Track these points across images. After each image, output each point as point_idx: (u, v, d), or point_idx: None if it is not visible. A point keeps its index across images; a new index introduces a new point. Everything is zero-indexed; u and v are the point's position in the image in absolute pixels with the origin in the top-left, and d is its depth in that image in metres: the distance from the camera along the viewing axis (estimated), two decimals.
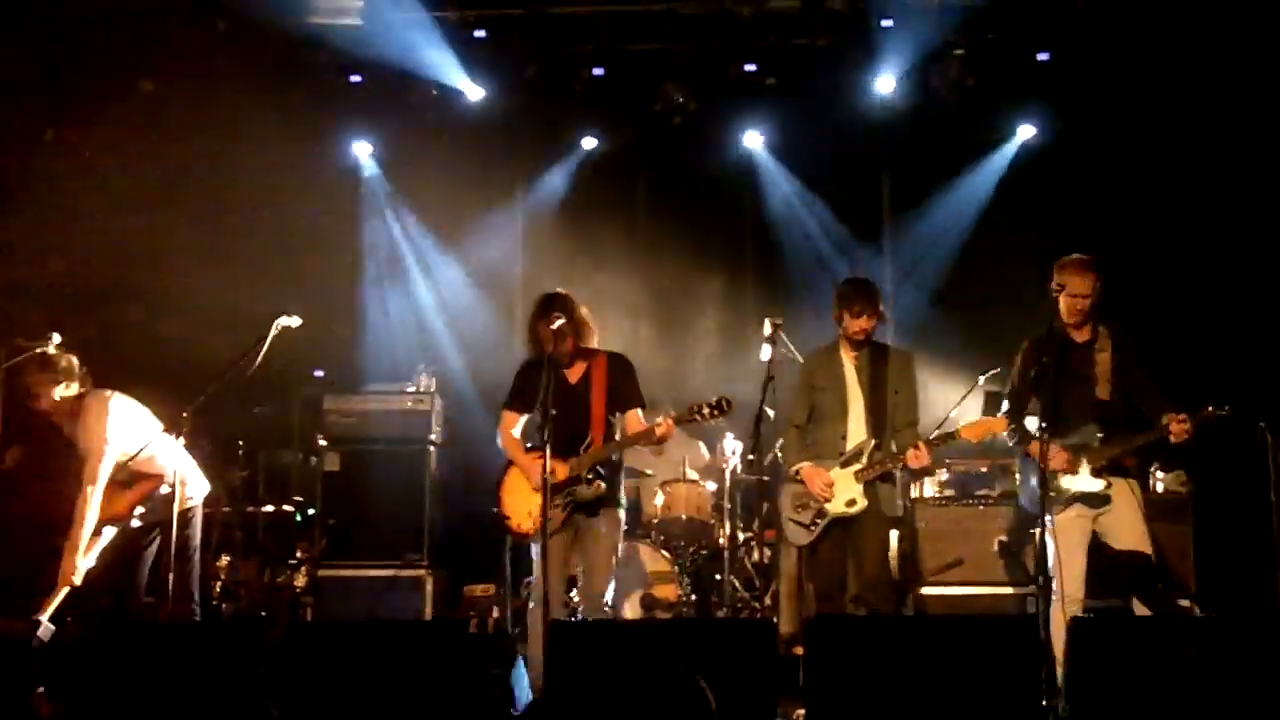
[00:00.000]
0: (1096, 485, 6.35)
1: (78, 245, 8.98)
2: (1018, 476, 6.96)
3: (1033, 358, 6.50)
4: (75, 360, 6.79)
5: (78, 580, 6.49)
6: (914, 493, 8.27)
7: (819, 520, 6.66)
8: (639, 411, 6.72)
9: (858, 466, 6.61)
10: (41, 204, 8.99)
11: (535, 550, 6.59)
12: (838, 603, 6.68)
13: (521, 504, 6.62)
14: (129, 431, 6.78)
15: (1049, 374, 6.29)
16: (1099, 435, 6.39)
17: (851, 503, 6.60)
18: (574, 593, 7.07)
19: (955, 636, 5.51)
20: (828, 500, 6.62)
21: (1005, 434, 6.58)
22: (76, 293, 8.80)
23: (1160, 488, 8.06)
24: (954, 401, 7.83)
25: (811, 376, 6.83)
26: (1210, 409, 6.21)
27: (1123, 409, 6.44)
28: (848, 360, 6.75)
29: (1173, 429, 6.23)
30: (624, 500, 6.85)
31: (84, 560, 6.53)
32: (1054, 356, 6.36)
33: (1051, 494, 6.27)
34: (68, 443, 6.79)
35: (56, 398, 6.72)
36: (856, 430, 6.67)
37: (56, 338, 6.78)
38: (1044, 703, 5.39)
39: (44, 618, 6.21)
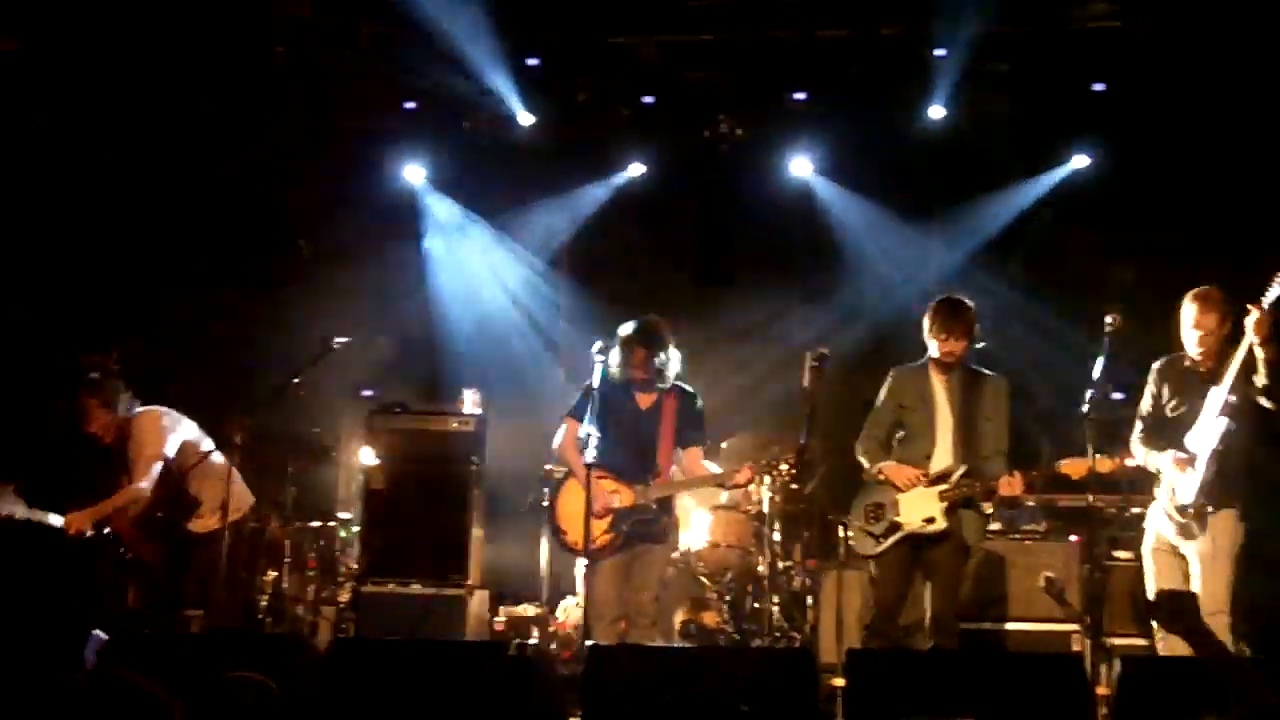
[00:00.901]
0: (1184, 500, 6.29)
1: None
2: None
3: (1156, 380, 6.53)
4: (120, 383, 7.07)
5: (75, 528, 6.78)
6: None
7: (892, 533, 6.59)
8: (700, 450, 6.80)
9: (944, 487, 6.53)
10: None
11: (591, 567, 6.65)
12: (889, 624, 6.64)
13: (581, 521, 6.60)
14: (179, 441, 7.08)
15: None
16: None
17: (930, 520, 6.50)
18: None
19: (997, 673, 5.49)
20: (914, 486, 6.53)
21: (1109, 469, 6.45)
22: (132, 311, 8.92)
23: None
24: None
25: (898, 394, 6.77)
26: None
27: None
28: (938, 382, 6.69)
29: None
30: (675, 524, 6.91)
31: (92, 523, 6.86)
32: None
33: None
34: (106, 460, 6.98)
35: (106, 420, 6.94)
36: (943, 455, 6.60)
37: (112, 355, 6.96)
38: None
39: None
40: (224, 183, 9.51)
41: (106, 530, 7.01)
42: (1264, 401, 6.17)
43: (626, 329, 6.79)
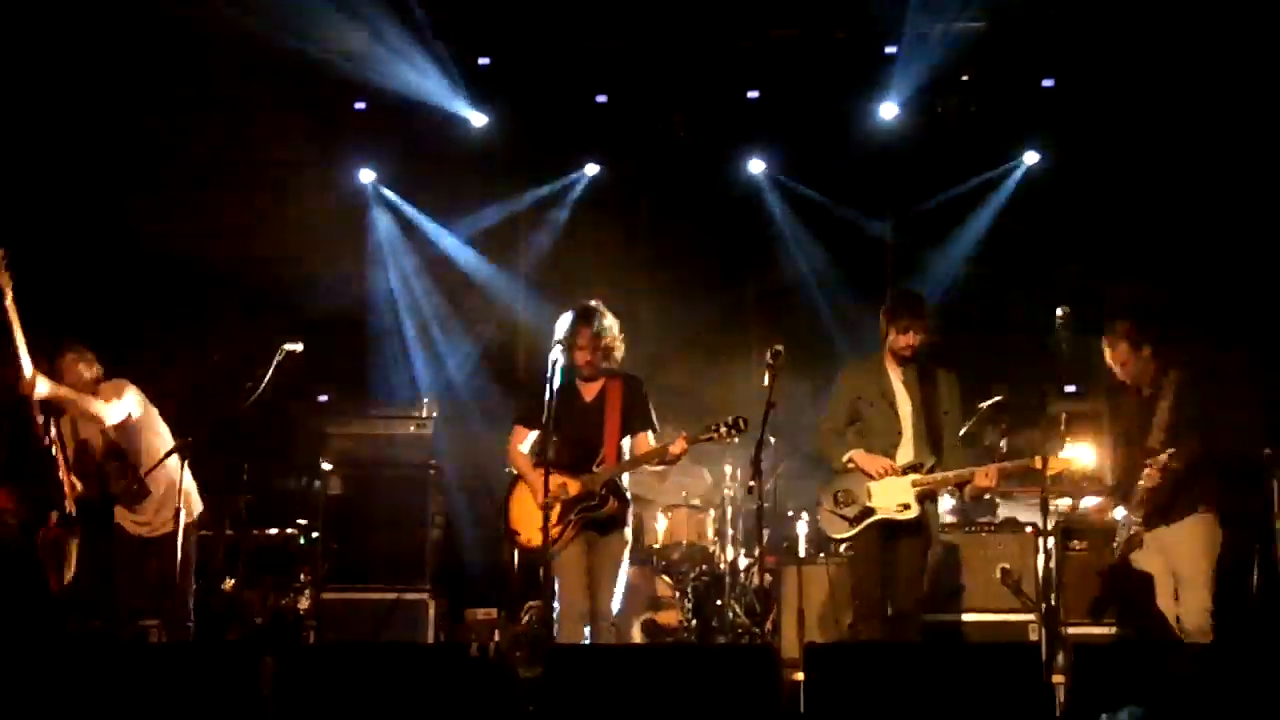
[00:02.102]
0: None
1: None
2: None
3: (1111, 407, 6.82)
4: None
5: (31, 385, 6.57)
6: None
7: (865, 517, 6.61)
8: (650, 435, 6.73)
9: (916, 477, 6.57)
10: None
11: (553, 563, 6.60)
12: (878, 606, 6.62)
13: (532, 520, 6.58)
14: (142, 410, 6.97)
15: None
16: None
17: (905, 507, 6.54)
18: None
19: (956, 664, 5.52)
20: (886, 475, 6.56)
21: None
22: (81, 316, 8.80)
23: None
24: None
25: (855, 387, 6.80)
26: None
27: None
28: (894, 376, 6.72)
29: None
30: (630, 523, 6.86)
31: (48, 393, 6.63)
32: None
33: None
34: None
35: (82, 378, 6.85)
36: (906, 447, 6.64)
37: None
38: None
39: None
40: (169, 184, 9.42)
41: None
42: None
43: (565, 315, 6.77)
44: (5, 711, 3.17)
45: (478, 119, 9.85)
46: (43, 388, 6.63)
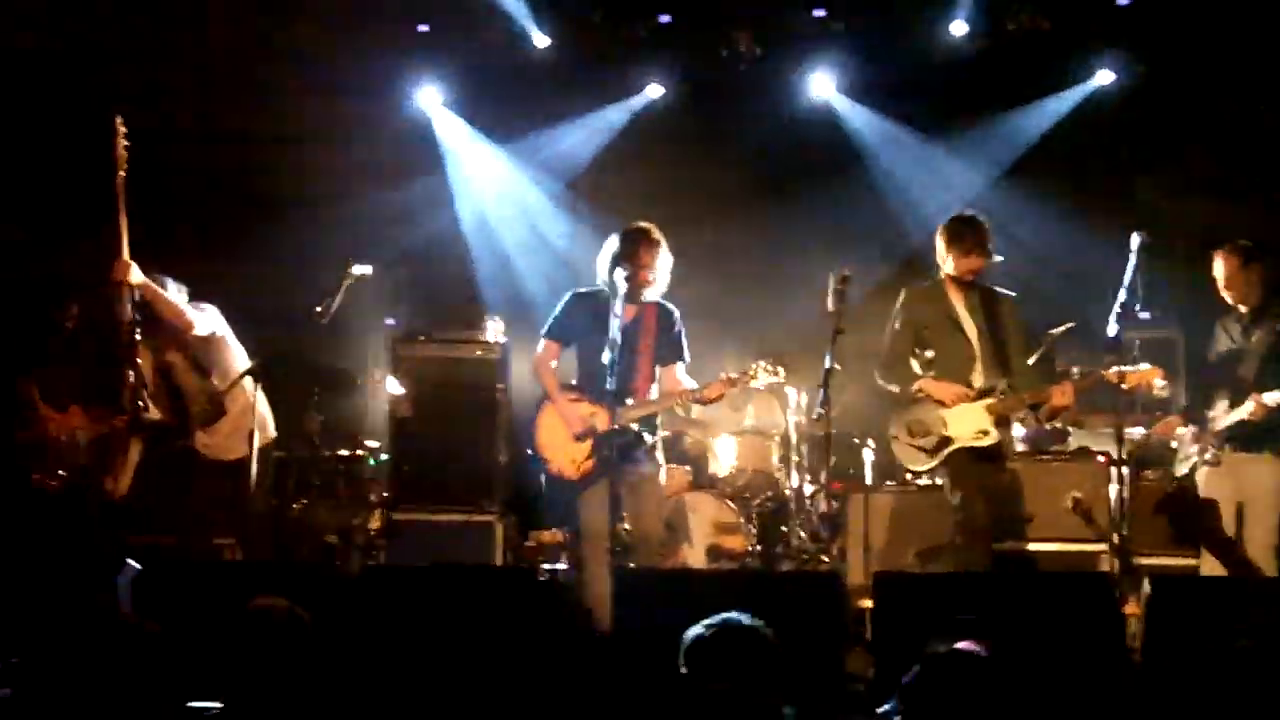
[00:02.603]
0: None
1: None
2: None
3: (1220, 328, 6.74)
4: None
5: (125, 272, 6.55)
6: None
7: (943, 447, 6.56)
8: (680, 367, 6.69)
9: (990, 401, 6.51)
10: None
11: (579, 496, 6.61)
12: (989, 529, 6.57)
13: (561, 447, 6.63)
14: (225, 330, 7.01)
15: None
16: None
17: (984, 433, 6.49)
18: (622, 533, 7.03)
19: (1025, 593, 5.50)
20: (961, 401, 6.51)
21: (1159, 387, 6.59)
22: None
23: None
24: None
25: (917, 315, 6.74)
26: None
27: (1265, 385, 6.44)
28: (958, 301, 6.66)
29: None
30: (660, 442, 6.80)
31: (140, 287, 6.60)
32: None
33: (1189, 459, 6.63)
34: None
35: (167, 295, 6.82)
36: (979, 374, 6.59)
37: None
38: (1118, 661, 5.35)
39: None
40: (234, 107, 9.42)
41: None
42: None
43: (630, 229, 6.70)
44: (74, 627, 3.24)
45: (540, 40, 9.75)
46: (137, 275, 6.59)
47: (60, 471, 6.63)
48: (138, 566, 5.69)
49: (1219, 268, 6.67)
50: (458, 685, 4.02)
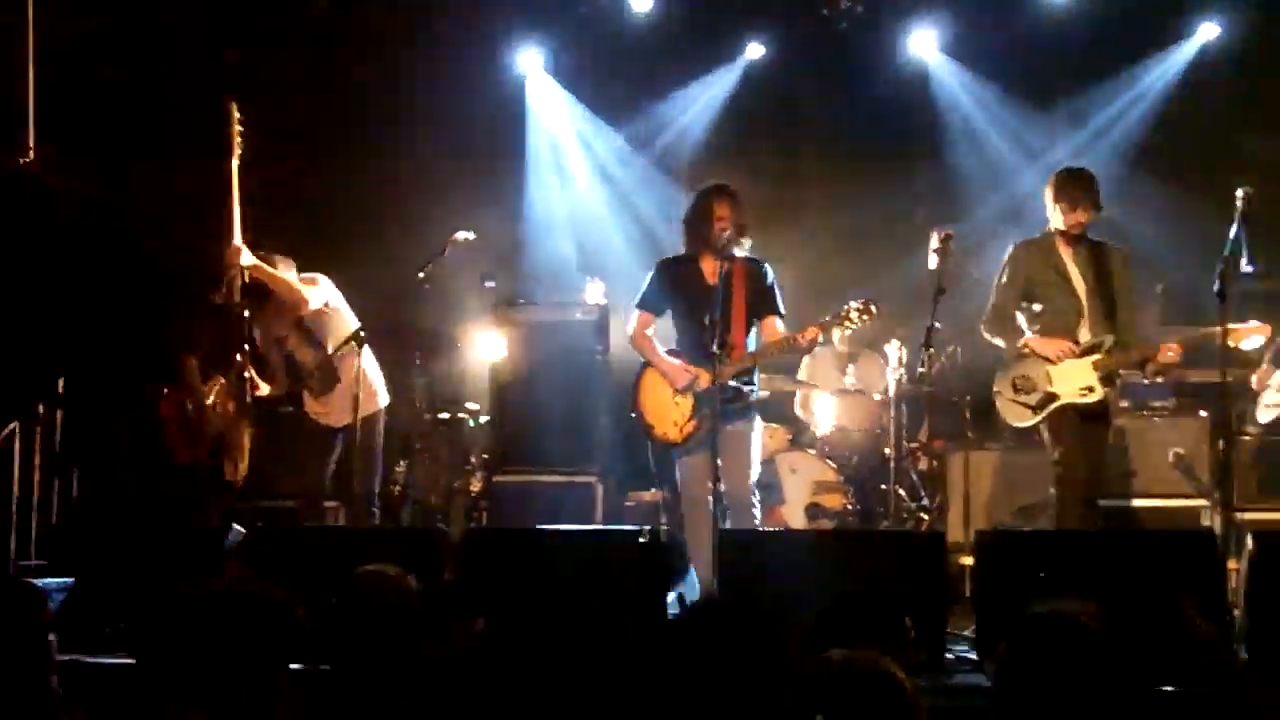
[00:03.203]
0: None
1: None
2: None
3: None
4: None
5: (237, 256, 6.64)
6: None
7: (1048, 403, 6.52)
8: (778, 321, 6.67)
9: (1097, 357, 6.48)
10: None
11: (680, 458, 6.67)
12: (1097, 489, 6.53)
13: (665, 411, 6.67)
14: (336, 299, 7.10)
15: None
16: None
17: (1089, 390, 6.44)
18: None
19: (1128, 552, 5.49)
20: (1066, 357, 6.47)
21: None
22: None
23: None
24: None
25: (1026, 269, 6.68)
26: None
27: None
28: (1066, 255, 6.61)
29: None
30: (760, 398, 6.82)
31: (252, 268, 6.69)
32: None
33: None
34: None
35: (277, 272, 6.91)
36: (1087, 329, 6.55)
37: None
38: (1229, 616, 5.33)
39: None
40: (327, 71, 9.53)
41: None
42: None
43: (703, 187, 6.74)
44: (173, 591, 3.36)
45: (641, 3, 9.77)
46: (248, 258, 6.69)
47: (197, 446, 6.77)
48: (243, 531, 5.85)
49: None
50: (559, 649, 4.07)
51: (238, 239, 6.68)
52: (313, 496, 7.24)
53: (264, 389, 6.93)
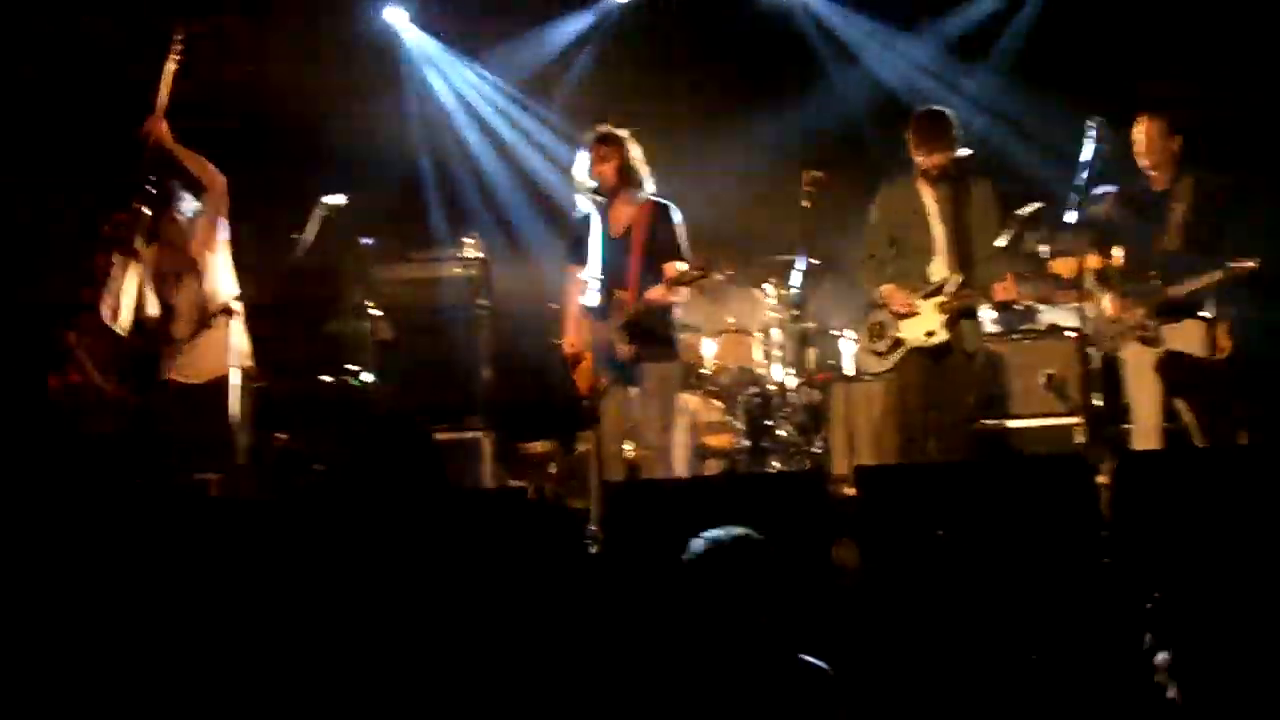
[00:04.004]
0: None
1: None
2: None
3: (1114, 204, 6.69)
4: None
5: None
6: None
7: (895, 349, 6.69)
8: (678, 265, 6.65)
9: (941, 299, 6.62)
10: None
11: (596, 407, 6.73)
12: (919, 443, 6.73)
13: (580, 368, 6.77)
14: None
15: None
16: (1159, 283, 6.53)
17: (931, 334, 6.60)
18: (630, 446, 7.16)
19: (1004, 480, 5.63)
20: (908, 316, 6.63)
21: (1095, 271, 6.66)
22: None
23: None
24: None
25: (889, 211, 6.80)
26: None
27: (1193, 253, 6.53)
28: (926, 195, 6.71)
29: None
30: (676, 348, 6.87)
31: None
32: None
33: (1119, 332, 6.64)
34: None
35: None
36: (940, 266, 6.67)
37: None
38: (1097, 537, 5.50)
39: None
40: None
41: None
42: None
43: (586, 135, 6.74)
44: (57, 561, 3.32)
45: None
46: (168, 136, 6.71)
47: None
48: None
49: (1140, 137, 6.65)
50: (444, 609, 4.10)
51: (160, 112, 6.68)
52: (185, 466, 7.01)
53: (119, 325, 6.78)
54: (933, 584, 5.07)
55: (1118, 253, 6.68)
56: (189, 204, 7.00)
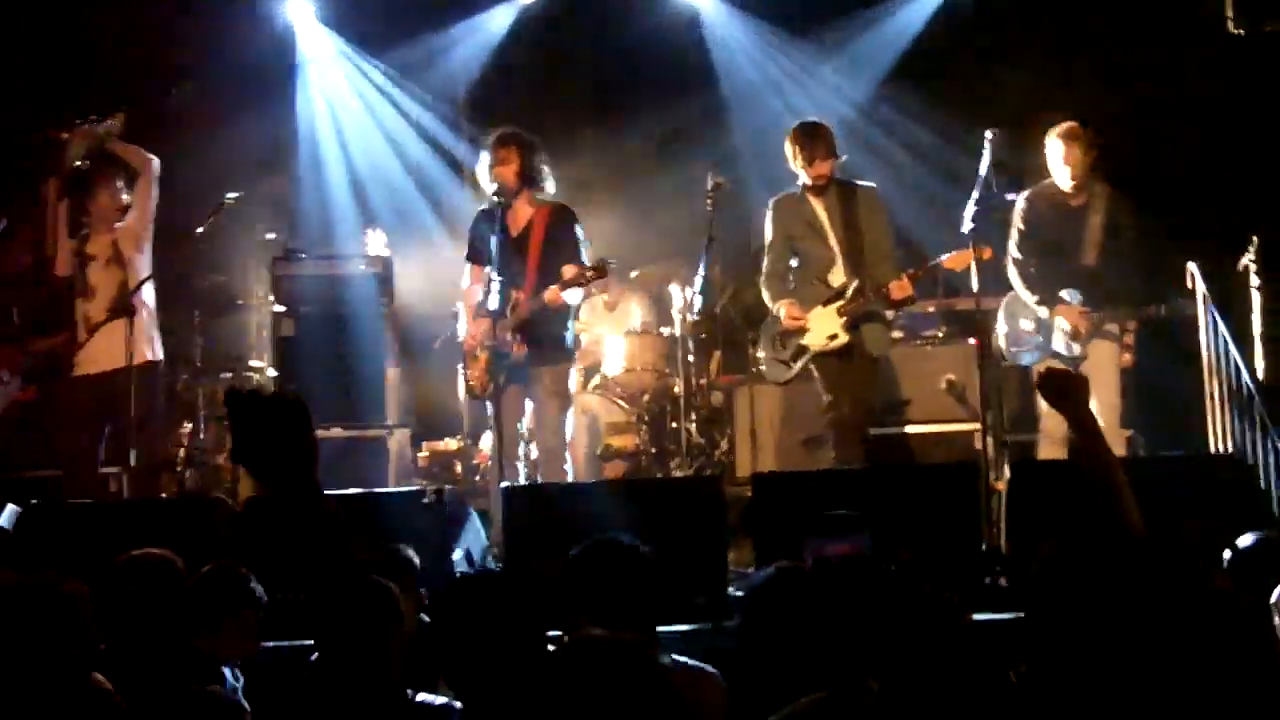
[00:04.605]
0: (1066, 347, 6.68)
1: None
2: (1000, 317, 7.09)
3: (1027, 215, 6.78)
4: None
5: None
6: None
7: (800, 355, 6.76)
8: (572, 269, 6.63)
9: (840, 303, 6.69)
10: None
11: (490, 409, 6.70)
12: (824, 449, 6.84)
13: (474, 366, 6.71)
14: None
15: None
16: (1079, 299, 6.65)
17: (833, 337, 6.67)
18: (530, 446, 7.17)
19: (898, 486, 5.72)
20: (801, 329, 6.70)
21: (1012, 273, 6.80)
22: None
23: None
24: None
25: (785, 225, 6.85)
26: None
27: (1110, 274, 6.66)
28: (817, 205, 6.78)
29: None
30: (571, 350, 6.89)
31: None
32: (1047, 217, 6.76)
33: (1029, 345, 6.78)
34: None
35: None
36: (839, 273, 6.74)
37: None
38: (984, 546, 5.62)
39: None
40: (91, 29, 9.16)
41: None
42: None
43: (488, 136, 6.73)
44: None
45: None
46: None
47: None
48: (17, 509, 5.63)
49: (1062, 152, 6.70)
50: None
51: None
52: (89, 462, 6.98)
53: None
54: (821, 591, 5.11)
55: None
56: (123, 193, 7.01)
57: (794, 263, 6.89)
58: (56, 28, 9.01)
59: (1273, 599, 3.57)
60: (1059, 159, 6.71)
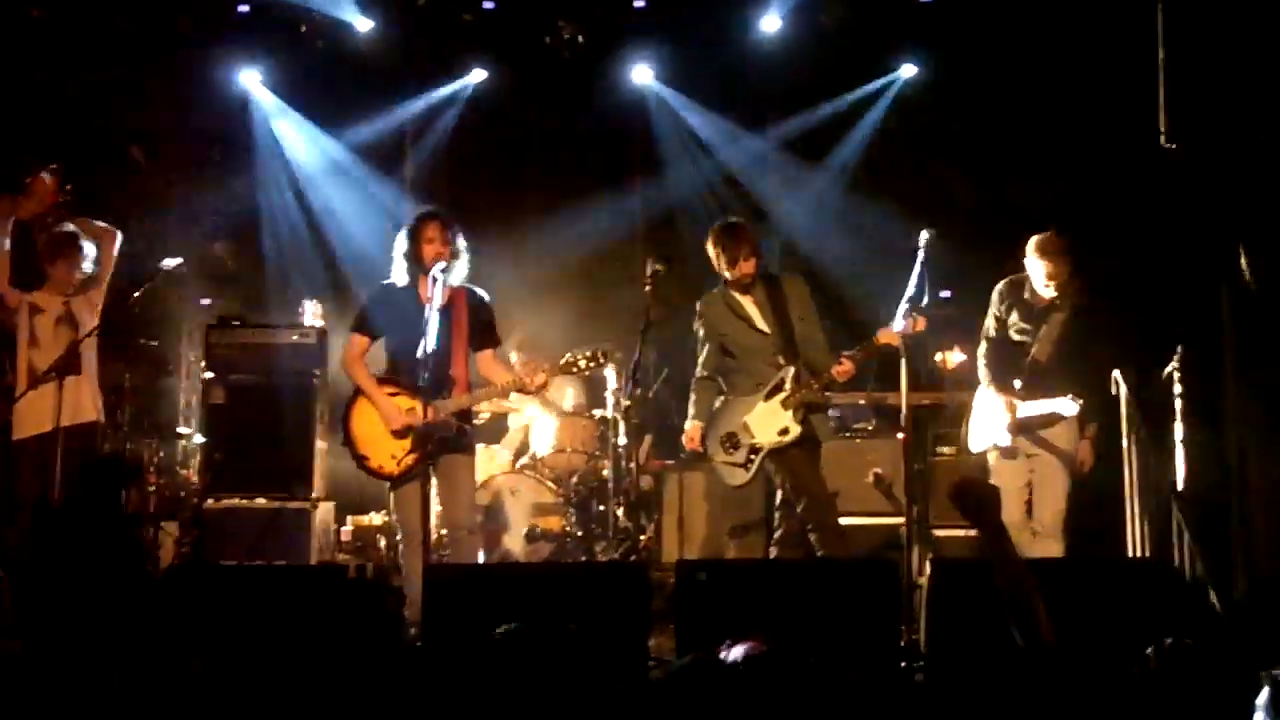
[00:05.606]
0: (1006, 440, 6.70)
1: None
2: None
3: (999, 302, 6.87)
4: None
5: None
6: None
7: (753, 457, 6.74)
8: (493, 353, 6.65)
9: (783, 395, 6.71)
10: None
11: (397, 489, 6.49)
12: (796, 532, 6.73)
13: (380, 444, 6.44)
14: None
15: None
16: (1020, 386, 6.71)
17: (785, 431, 6.67)
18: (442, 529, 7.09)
19: (816, 581, 5.74)
20: (693, 445, 6.80)
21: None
22: None
23: None
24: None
25: (715, 324, 6.90)
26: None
27: (1060, 370, 6.69)
28: (745, 300, 6.84)
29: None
30: (472, 440, 6.80)
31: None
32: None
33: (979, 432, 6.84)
34: None
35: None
36: (771, 365, 6.78)
37: None
38: (901, 644, 5.64)
39: None
40: (50, 94, 9.15)
41: None
42: None
43: (418, 211, 6.69)
44: None
45: (363, 24, 9.67)
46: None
47: None
48: None
49: (1049, 268, 6.67)
50: (262, 693, 4.03)
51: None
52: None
53: None
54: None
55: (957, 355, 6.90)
56: (89, 261, 7.07)
57: (730, 361, 6.91)
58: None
59: (1260, 699, 3.56)
60: (1041, 275, 6.69)
